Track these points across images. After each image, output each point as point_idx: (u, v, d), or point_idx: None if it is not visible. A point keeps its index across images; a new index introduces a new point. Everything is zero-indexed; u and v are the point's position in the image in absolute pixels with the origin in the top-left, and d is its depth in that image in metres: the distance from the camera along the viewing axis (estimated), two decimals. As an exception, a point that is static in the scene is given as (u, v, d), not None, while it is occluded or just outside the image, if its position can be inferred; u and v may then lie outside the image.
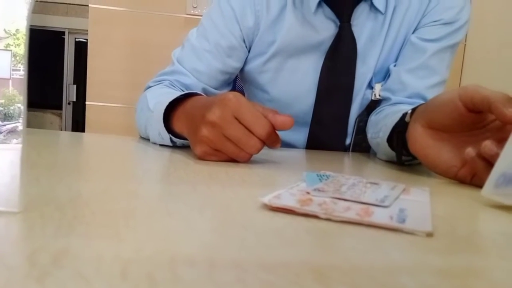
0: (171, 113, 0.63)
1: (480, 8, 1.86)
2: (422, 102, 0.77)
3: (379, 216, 0.30)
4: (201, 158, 0.53)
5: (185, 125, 0.59)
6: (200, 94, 0.63)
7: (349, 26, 0.79)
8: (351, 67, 0.81)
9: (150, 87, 0.84)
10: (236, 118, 0.50)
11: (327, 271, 0.20)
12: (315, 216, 0.30)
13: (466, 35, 1.85)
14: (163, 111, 0.62)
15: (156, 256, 0.20)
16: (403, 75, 0.80)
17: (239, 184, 0.41)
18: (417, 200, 0.37)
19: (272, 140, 0.53)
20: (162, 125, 0.62)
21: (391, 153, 0.63)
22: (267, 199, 0.32)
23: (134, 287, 0.17)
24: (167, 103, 0.62)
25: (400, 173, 0.57)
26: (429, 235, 0.27)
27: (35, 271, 0.17)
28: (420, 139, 0.51)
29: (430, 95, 0.79)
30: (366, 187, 0.40)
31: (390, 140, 0.62)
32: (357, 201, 0.34)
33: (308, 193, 0.36)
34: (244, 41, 0.83)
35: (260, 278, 0.19)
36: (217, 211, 0.31)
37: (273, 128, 0.52)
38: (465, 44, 1.88)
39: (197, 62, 0.82)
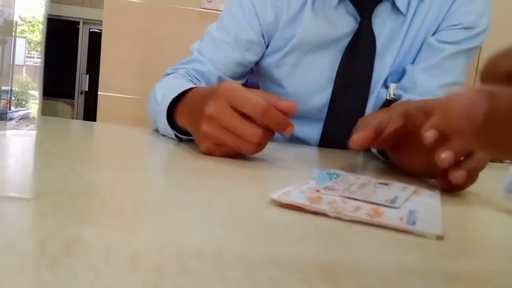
0: (175, 108, 0.63)
1: (496, 12, 1.83)
2: None
3: (389, 217, 0.30)
4: (206, 154, 0.53)
5: (187, 121, 0.58)
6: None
7: (370, 23, 0.79)
8: (369, 64, 0.80)
9: (168, 74, 0.85)
10: (233, 107, 0.47)
11: (336, 269, 0.20)
12: (324, 214, 0.30)
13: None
14: (166, 108, 0.62)
15: (165, 248, 0.20)
16: (416, 74, 0.80)
17: (248, 179, 0.41)
18: (428, 203, 0.37)
19: (279, 124, 0.47)
20: (166, 121, 0.62)
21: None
22: (277, 195, 0.32)
23: (143, 278, 0.17)
24: (171, 99, 0.61)
25: (410, 175, 0.56)
26: (439, 238, 0.27)
27: (46, 258, 0.18)
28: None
29: (442, 94, 0.78)
30: (376, 187, 0.40)
31: None
32: (366, 201, 0.34)
33: (318, 191, 0.35)
34: (263, 36, 0.84)
35: (267, 274, 0.19)
36: (226, 205, 0.31)
37: (279, 112, 0.47)
38: (480, 48, 1.86)
39: (216, 52, 0.83)
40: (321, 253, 0.23)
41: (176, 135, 0.63)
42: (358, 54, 0.80)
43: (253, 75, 1.09)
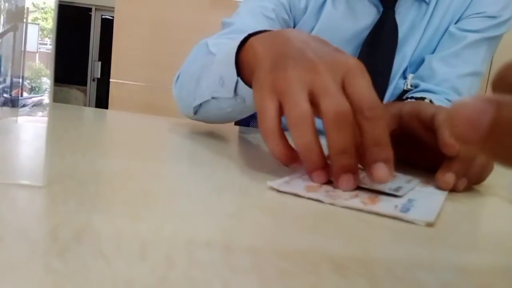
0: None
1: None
2: (451, 92, 0.75)
3: (384, 205, 0.30)
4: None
5: (271, 50, 0.41)
6: None
7: (393, 13, 0.77)
8: (390, 56, 0.79)
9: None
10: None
11: (345, 261, 0.20)
12: (333, 205, 0.30)
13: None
14: (238, 43, 0.46)
15: (174, 237, 0.21)
16: (434, 62, 0.78)
17: (258, 168, 0.41)
18: (433, 192, 0.37)
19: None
20: (233, 63, 0.46)
21: None
22: (276, 183, 0.32)
23: (152, 267, 0.17)
24: (244, 36, 0.46)
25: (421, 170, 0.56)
26: (429, 225, 0.27)
27: (56, 245, 0.18)
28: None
29: (461, 84, 0.77)
30: None
31: None
32: (371, 189, 0.33)
33: None
34: (294, 20, 0.82)
35: (276, 265, 0.19)
36: (235, 195, 0.31)
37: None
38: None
39: (258, 19, 0.76)
40: (330, 244, 0.22)
41: (237, 84, 0.48)
42: (380, 45, 0.78)
43: None
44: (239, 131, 0.80)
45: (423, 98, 0.74)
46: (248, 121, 1.14)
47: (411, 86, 0.80)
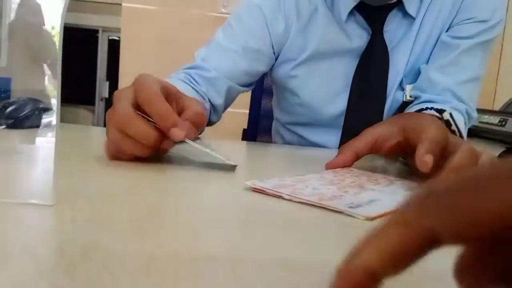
0: None
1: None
2: (452, 99, 0.75)
3: (340, 201, 0.33)
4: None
5: None
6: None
7: (381, 35, 0.77)
8: (384, 75, 0.79)
9: (170, 78, 0.83)
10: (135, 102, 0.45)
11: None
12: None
13: (503, 35, 1.79)
14: None
15: (180, 252, 0.21)
16: (432, 73, 0.78)
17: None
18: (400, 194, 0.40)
19: (161, 117, 0.43)
20: None
21: None
22: (252, 182, 0.36)
23: (158, 282, 0.17)
24: None
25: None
26: (368, 218, 0.30)
27: (63, 263, 0.18)
28: None
29: (461, 91, 0.77)
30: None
31: None
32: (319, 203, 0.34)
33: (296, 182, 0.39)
34: (272, 47, 0.82)
35: (282, 277, 0.19)
36: (239, 209, 0.31)
37: (163, 105, 0.43)
38: (502, 45, 1.82)
39: (223, 60, 0.80)
40: (335, 256, 0.22)
41: None
42: (372, 67, 0.79)
43: (265, 98, 1.08)
44: (246, 146, 0.81)
45: (427, 109, 0.74)
46: (255, 136, 1.14)
47: (411, 97, 0.80)
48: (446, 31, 0.79)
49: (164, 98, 0.44)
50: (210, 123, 0.80)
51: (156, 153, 0.46)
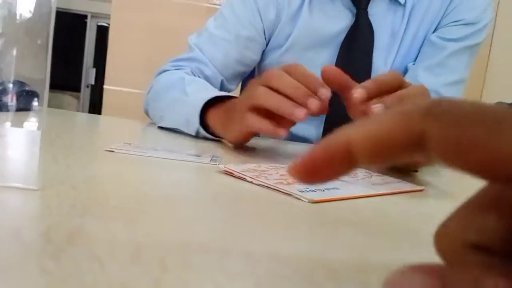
0: (205, 107, 0.62)
1: (506, 11, 1.82)
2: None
3: (299, 186, 0.35)
4: (248, 128, 0.51)
5: (220, 122, 0.58)
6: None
7: (366, 13, 0.78)
8: (368, 56, 0.79)
9: (166, 70, 0.84)
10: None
11: (339, 266, 0.20)
12: (259, 185, 0.30)
13: (492, 37, 1.82)
14: (205, 101, 0.61)
15: (168, 241, 0.20)
16: (420, 73, 0.79)
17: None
18: (369, 186, 0.41)
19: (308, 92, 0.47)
20: (199, 112, 0.61)
21: None
22: (227, 166, 0.39)
23: (146, 271, 0.17)
24: (213, 95, 0.61)
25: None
26: (310, 201, 0.32)
27: (50, 248, 0.18)
28: None
29: (447, 93, 0.78)
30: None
31: None
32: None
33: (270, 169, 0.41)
34: (264, 33, 0.84)
35: (270, 269, 0.19)
36: (230, 200, 0.31)
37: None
38: (490, 47, 1.85)
39: (215, 50, 0.82)
40: (324, 250, 0.23)
41: (198, 130, 0.62)
42: (356, 46, 0.80)
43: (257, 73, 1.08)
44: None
45: None
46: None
47: None
48: (434, 31, 0.80)
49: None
50: None
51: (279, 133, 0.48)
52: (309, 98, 0.46)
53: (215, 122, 0.60)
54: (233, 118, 0.53)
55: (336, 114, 0.82)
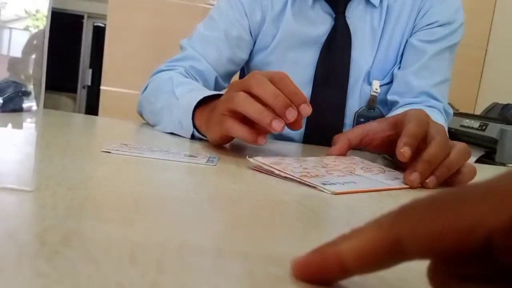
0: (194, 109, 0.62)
1: (502, 15, 1.83)
2: (429, 99, 0.81)
3: (322, 179, 0.39)
4: (225, 134, 0.51)
5: (205, 122, 0.58)
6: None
7: (344, 17, 0.82)
8: (346, 57, 0.83)
9: (162, 70, 0.85)
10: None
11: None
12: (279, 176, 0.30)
13: (488, 39, 1.82)
14: (195, 103, 0.61)
15: (165, 242, 0.20)
16: (408, 77, 0.84)
17: (249, 176, 0.41)
18: (380, 181, 0.44)
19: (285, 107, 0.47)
20: (190, 115, 0.61)
21: None
22: (256, 158, 0.42)
23: (142, 272, 0.17)
24: (201, 97, 0.61)
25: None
26: (333, 193, 0.35)
27: (45, 249, 0.18)
28: None
29: (436, 92, 0.84)
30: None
31: None
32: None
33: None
34: (251, 33, 0.87)
35: (267, 270, 0.19)
36: (226, 202, 0.31)
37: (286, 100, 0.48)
38: (486, 49, 1.85)
39: (208, 48, 0.84)
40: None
41: (193, 132, 0.62)
42: (334, 48, 0.84)
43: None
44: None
45: None
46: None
47: (375, 93, 0.85)
48: (412, 35, 0.85)
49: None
50: None
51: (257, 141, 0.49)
52: (288, 109, 0.47)
53: (200, 122, 0.61)
54: (214, 119, 0.54)
55: (317, 110, 0.83)
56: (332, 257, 0.17)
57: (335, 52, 0.84)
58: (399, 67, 0.85)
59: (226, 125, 0.50)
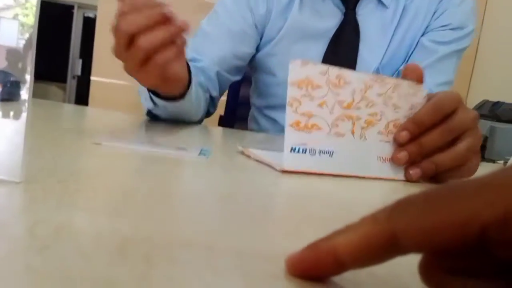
0: None
1: (493, 14, 1.84)
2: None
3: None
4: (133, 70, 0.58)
5: None
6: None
7: (354, 13, 0.83)
8: (353, 53, 0.84)
9: None
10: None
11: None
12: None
13: (479, 37, 1.84)
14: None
15: (155, 236, 0.20)
16: None
17: (242, 169, 0.41)
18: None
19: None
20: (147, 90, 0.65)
21: None
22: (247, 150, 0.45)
23: (132, 266, 0.17)
24: None
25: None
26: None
27: (36, 243, 0.17)
28: None
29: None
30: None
31: None
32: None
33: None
34: (256, 27, 0.86)
35: (258, 266, 0.19)
36: (218, 196, 0.31)
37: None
38: (477, 46, 1.86)
39: (210, 46, 0.84)
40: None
41: (151, 97, 0.66)
42: (342, 43, 0.84)
43: (244, 86, 1.09)
44: (222, 133, 0.80)
45: None
46: (231, 123, 1.14)
47: None
48: (424, 34, 0.85)
49: None
50: (208, 114, 0.86)
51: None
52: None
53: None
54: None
55: None
56: (327, 252, 0.17)
57: (343, 47, 0.84)
58: (403, 63, 0.86)
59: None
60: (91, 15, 3.94)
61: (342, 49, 0.84)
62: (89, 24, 3.90)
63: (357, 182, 0.44)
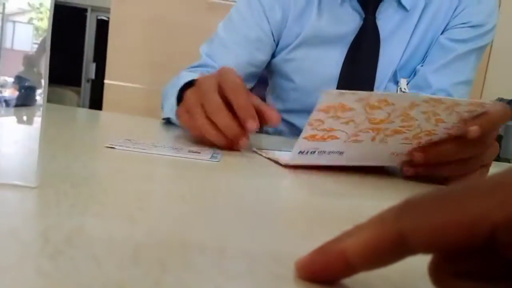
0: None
1: (508, 10, 1.82)
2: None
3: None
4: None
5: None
6: None
7: (374, 19, 0.80)
8: (374, 59, 0.82)
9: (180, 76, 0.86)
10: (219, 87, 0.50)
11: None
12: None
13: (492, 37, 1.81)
14: (181, 85, 0.63)
15: (168, 241, 0.20)
16: (429, 74, 0.82)
17: (254, 173, 0.41)
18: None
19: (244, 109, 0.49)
20: (176, 95, 0.64)
21: None
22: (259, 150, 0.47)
23: (145, 271, 0.17)
24: (188, 79, 0.64)
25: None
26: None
27: (48, 248, 0.18)
28: None
29: (455, 92, 0.81)
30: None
31: None
32: None
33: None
34: (272, 34, 0.85)
35: (270, 269, 0.19)
36: (230, 199, 0.31)
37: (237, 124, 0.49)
38: (492, 43, 1.84)
39: (226, 54, 0.84)
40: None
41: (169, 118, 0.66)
42: (363, 50, 0.82)
43: (258, 87, 1.09)
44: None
45: None
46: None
47: (404, 90, 0.83)
48: (442, 33, 0.83)
49: None
50: None
51: (231, 148, 0.51)
52: (241, 138, 0.49)
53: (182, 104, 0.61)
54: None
55: None
56: (337, 255, 0.17)
57: (364, 52, 0.82)
58: (422, 64, 0.85)
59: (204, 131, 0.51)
60: (104, 17, 3.98)
61: (363, 55, 0.82)
62: (103, 27, 3.94)
63: (366, 181, 0.44)
